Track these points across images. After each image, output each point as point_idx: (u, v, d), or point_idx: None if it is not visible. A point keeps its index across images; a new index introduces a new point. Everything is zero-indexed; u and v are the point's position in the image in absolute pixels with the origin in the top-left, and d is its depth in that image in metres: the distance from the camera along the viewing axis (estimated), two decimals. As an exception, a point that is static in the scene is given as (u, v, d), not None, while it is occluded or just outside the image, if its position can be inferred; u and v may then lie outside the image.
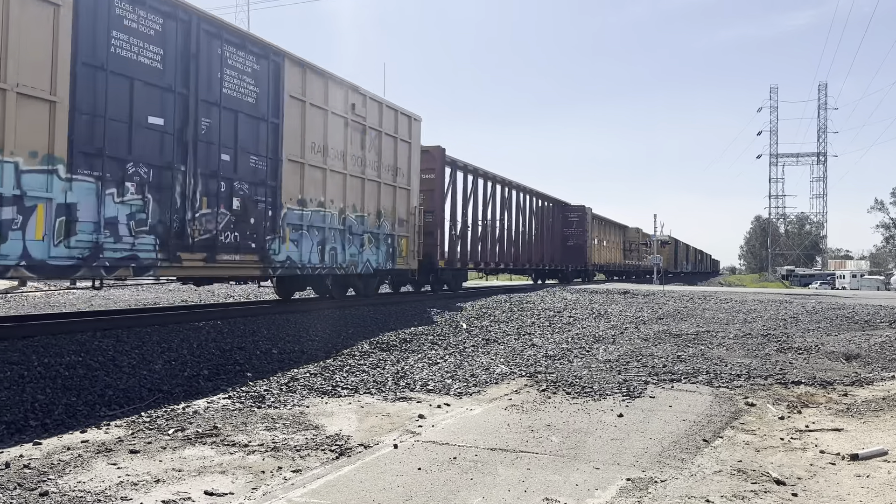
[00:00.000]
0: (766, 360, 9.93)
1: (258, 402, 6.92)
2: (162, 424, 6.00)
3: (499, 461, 5.02)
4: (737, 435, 5.87)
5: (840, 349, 10.88)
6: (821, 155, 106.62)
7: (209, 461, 4.96)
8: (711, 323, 14.92)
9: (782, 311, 17.72)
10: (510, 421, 6.26)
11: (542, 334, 12.81)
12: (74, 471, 4.70)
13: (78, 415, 6.22)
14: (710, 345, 11.42)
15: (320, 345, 10.38)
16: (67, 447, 5.27)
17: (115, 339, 8.81)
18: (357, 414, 6.54)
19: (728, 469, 4.90)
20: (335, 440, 5.55)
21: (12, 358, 7.39)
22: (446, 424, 6.13)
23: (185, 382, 7.69)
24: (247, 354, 9.22)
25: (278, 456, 5.11)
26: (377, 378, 8.25)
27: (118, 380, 7.30)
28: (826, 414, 6.72)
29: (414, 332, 12.00)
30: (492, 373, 8.69)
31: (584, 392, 7.52)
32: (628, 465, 4.95)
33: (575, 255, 36.21)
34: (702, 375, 8.59)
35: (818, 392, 7.77)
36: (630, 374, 8.58)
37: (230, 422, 6.12)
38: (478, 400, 7.20)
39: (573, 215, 36.27)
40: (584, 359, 9.83)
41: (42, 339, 8.38)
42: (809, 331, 13.64)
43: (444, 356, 10.00)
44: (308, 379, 8.14)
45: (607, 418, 6.39)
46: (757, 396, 7.45)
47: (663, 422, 6.29)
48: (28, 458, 4.98)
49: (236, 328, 10.73)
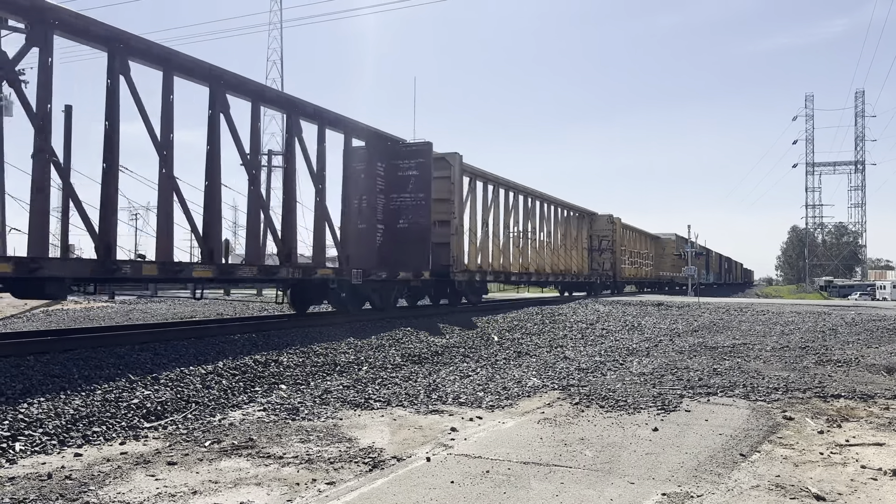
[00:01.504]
0: (805, 372, 9.74)
1: (292, 415, 6.99)
2: (199, 436, 6.09)
3: (532, 475, 4.99)
4: (775, 449, 5.77)
5: (881, 362, 10.64)
6: (858, 163, 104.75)
7: (245, 473, 5.03)
8: (748, 335, 14.68)
9: (820, 323, 17.37)
10: (543, 434, 6.23)
11: (574, 347, 12.73)
12: (114, 482, 4.79)
13: (117, 427, 6.33)
14: (747, 357, 11.24)
15: (352, 357, 10.44)
16: (107, 458, 5.38)
17: (152, 352, 8.97)
18: (390, 427, 6.57)
19: (766, 484, 4.81)
20: (368, 453, 5.58)
21: (54, 371, 7.57)
22: (479, 438, 6.13)
23: (220, 395, 7.79)
24: (280, 367, 9.31)
25: (312, 468, 5.15)
26: (409, 391, 8.27)
27: (156, 392, 7.42)
28: (867, 428, 6.57)
29: (445, 345, 12.01)
30: (524, 386, 8.66)
31: (617, 405, 7.45)
32: (664, 480, 4.90)
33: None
34: (738, 389, 8.45)
35: (859, 406, 7.60)
36: (665, 388, 8.48)
37: (265, 434, 6.19)
38: (510, 413, 7.18)
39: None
40: (617, 372, 9.75)
41: (82, 353, 8.58)
42: (849, 343, 13.35)
43: (475, 369, 9.99)
44: (341, 391, 8.19)
45: (642, 432, 6.32)
46: (795, 410, 7.31)
47: (699, 436, 6.20)
48: (69, 468, 5.09)
49: (270, 341, 10.86)
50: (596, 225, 35.75)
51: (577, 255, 32.24)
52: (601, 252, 34.77)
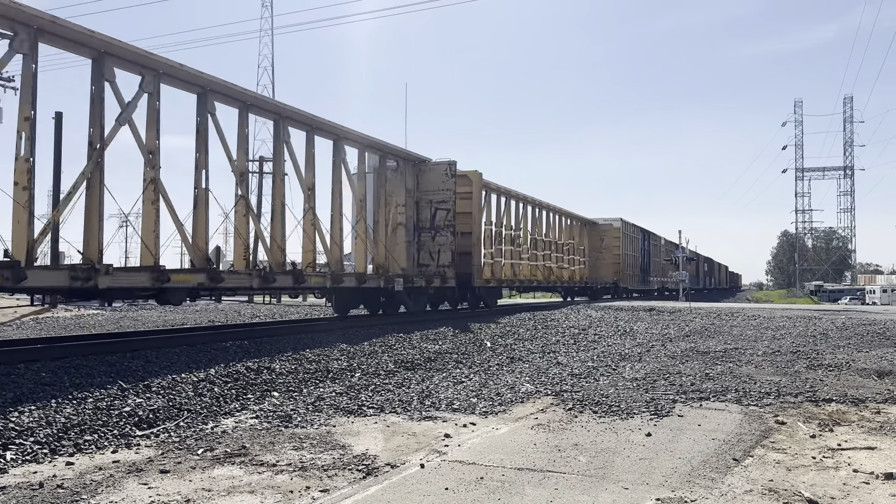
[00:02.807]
0: (796, 377, 9.78)
1: (285, 422, 6.97)
2: (191, 444, 6.06)
3: (526, 481, 4.99)
4: (767, 454, 5.79)
5: (872, 366, 10.69)
6: (847, 168, 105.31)
7: (238, 481, 5.00)
8: (739, 340, 14.74)
9: (811, 328, 17.46)
10: (537, 440, 6.23)
11: (567, 352, 12.74)
12: (106, 490, 4.76)
13: (109, 435, 6.29)
14: (739, 362, 11.28)
15: (345, 364, 10.42)
16: (99, 467, 5.35)
17: (144, 359, 8.93)
18: (383, 433, 6.55)
19: (759, 489, 4.83)
20: (362, 460, 5.57)
21: (45, 379, 7.53)
22: (472, 444, 6.12)
23: (213, 402, 7.75)
24: (272, 374, 9.28)
25: (306, 476, 5.13)
26: (402, 397, 8.26)
27: (148, 400, 7.38)
28: (859, 432, 6.60)
29: (438, 351, 12.00)
30: (517, 392, 8.66)
31: (611, 411, 7.46)
32: (657, 485, 4.91)
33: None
34: (731, 393, 8.48)
35: (850, 410, 7.64)
36: (658, 393, 8.50)
37: (258, 441, 6.16)
38: (503, 419, 7.18)
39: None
40: (610, 377, 9.76)
41: (73, 361, 8.53)
42: (840, 347, 13.42)
43: (468, 375, 9.98)
44: (334, 398, 8.17)
45: (635, 437, 6.33)
46: (787, 415, 7.34)
47: (692, 441, 6.22)
48: (61, 477, 5.05)
49: (262, 348, 10.83)
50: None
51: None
52: (434, 232, 20.19)
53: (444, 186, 20.08)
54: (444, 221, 20.03)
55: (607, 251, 37.02)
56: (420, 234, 20.15)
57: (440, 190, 20.08)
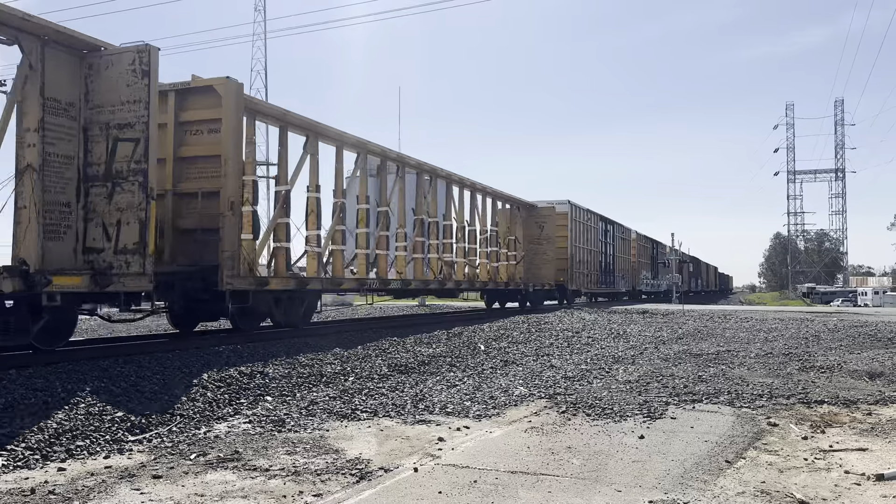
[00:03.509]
0: (789, 379, 9.82)
1: (278, 427, 6.95)
2: (184, 449, 6.04)
3: (519, 484, 5.00)
4: (760, 456, 5.81)
5: (863, 367, 10.74)
6: (839, 171, 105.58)
7: (231, 486, 4.99)
8: (732, 342, 14.79)
9: (804, 330, 17.53)
10: (530, 443, 6.24)
11: (560, 355, 12.76)
12: (99, 496, 4.74)
13: (101, 440, 6.26)
14: (732, 364, 11.31)
15: (338, 368, 10.40)
16: (91, 473, 5.32)
17: (136, 364, 8.89)
18: (377, 437, 6.55)
19: (751, 490, 4.85)
20: (355, 464, 5.56)
21: (36, 384, 7.48)
22: (466, 447, 6.12)
23: (205, 407, 7.73)
24: (265, 378, 9.26)
25: (299, 480, 5.12)
26: (396, 401, 8.25)
27: (140, 405, 7.36)
28: (850, 433, 6.63)
29: (432, 354, 12.00)
30: (511, 395, 8.66)
31: (604, 413, 7.47)
32: (650, 488, 4.92)
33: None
34: (723, 395, 8.51)
35: (842, 411, 7.68)
36: (650, 395, 8.52)
37: (251, 446, 6.15)
38: (497, 422, 7.19)
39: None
40: (603, 380, 9.78)
41: (65, 366, 8.49)
42: (832, 349, 13.48)
43: (462, 378, 9.98)
44: (327, 402, 8.16)
45: (628, 440, 6.35)
46: (779, 416, 7.37)
47: (685, 443, 6.24)
48: (53, 483, 5.03)
49: (256, 352, 10.80)
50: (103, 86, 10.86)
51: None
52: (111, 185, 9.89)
53: (129, 97, 9.83)
54: (128, 164, 9.83)
55: (548, 243, 28.19)
56: (89, 190, 9.99)
57: (123, 104, 9.85)
